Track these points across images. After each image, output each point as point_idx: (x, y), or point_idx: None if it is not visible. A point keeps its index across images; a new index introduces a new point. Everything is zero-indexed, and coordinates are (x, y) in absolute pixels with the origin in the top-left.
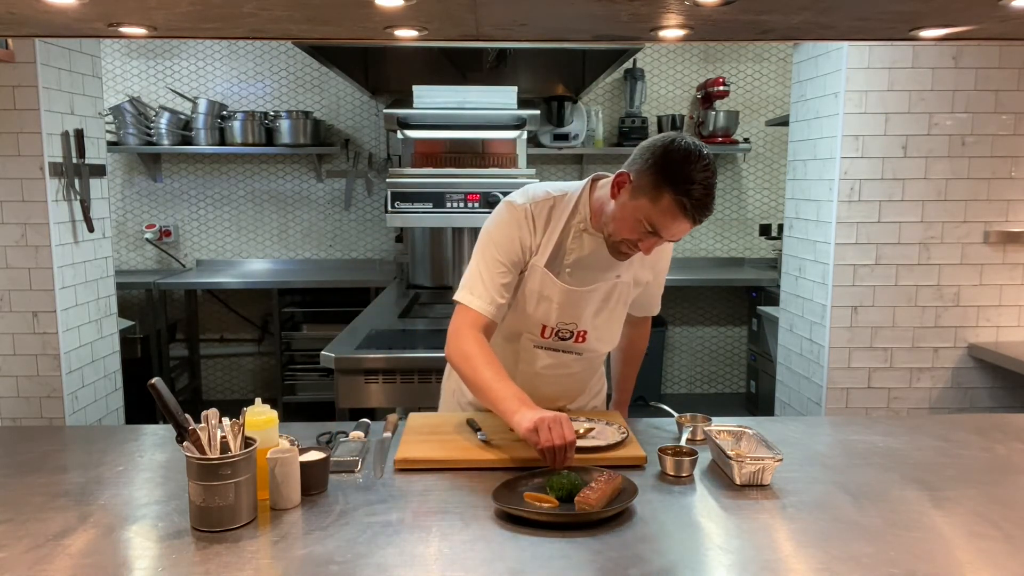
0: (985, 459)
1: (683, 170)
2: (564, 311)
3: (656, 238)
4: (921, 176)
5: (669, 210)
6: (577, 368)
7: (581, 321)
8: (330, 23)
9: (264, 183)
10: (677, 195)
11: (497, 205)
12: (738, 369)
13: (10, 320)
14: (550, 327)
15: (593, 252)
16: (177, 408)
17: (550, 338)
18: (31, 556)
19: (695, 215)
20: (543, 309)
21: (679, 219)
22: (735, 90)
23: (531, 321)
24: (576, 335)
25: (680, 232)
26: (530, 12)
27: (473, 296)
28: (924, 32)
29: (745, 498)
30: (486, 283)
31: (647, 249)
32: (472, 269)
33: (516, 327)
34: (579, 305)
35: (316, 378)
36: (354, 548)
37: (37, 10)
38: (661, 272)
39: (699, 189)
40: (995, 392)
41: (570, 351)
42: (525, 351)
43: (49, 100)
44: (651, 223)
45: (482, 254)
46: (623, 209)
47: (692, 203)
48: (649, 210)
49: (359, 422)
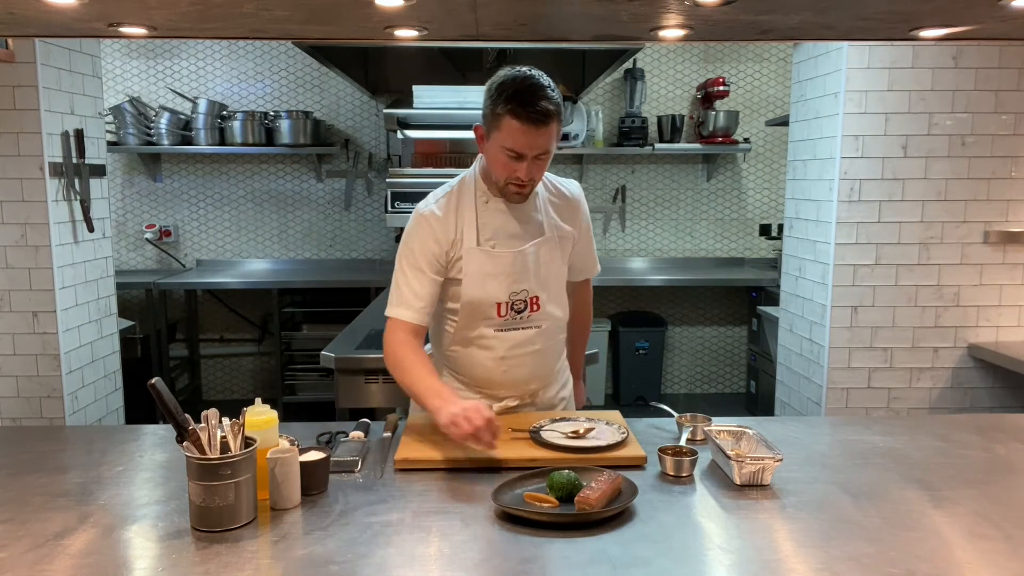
0: (985, 459)
1: (502, 88)
2: (512, 279)
3: (522, 160)
4: (921, 176)
5: (510, 125)
6: (540, 343)
7: (530, 286)
8: (330, 23)
9: (264, 183)
10: (507, 108)
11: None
12: (738, 369)
13: (10, 320)
14: (504, 302)
15: (506, 218)
16: (177, 408)
17: (507, 315)
18: (31, 556)
19: (530, 114)
20: (492, 285)
21: (522, 127)
22: (735, 90)
23: (485, 305)
24: (530, 303)
25: (534, 140)
26: (530, 12)
27: (395, 307)
28: (924, 32)
29: (745, 498)
30: (404, 293)
31: (526, 174)
32: (393, 284)
33: (471, 322)
34: (523, 268)
35: (316, 378)
36: (354, 548)
37: (37, 10)
38: (585, 229)
39: (520, 93)
40: (995, 392)
41: (529, 325)
42: (486, 341)
43: (49, 100)
44: (509, 148)
45: (400, 267)
46: (489, 152)
47: (520, 106)
48: (502, 138)
49: (359, 422)
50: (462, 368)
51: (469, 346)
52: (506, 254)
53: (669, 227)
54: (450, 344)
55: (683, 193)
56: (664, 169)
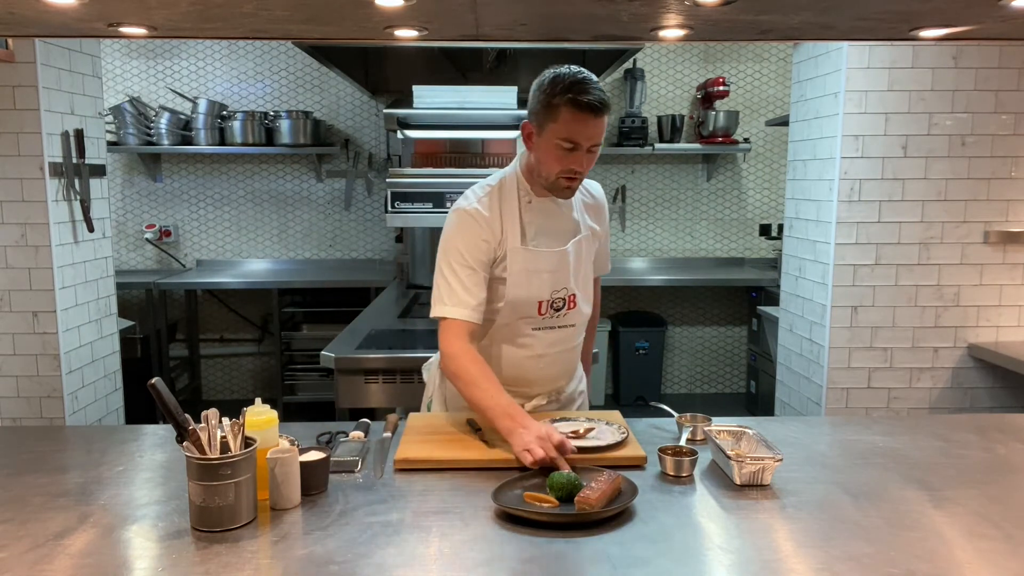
0: (985, 459)
1: (557, 81)
2: (555, 277)
3: (578, 151)
4: (921, 176)
5: (569, 115)
6: (573, 341)
7: (569, 284)
8: (330, 23)
9: (264, 183)
10: (565, 98)
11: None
12: (738, 369)
13: (10, 320)
14: (546, 300)
15: (548, 216)
16: (177, 408)
17: (547, 313)
18: (31, 556)
19: (590, 103)
20: (536, 284)
21: (581, 117)
22: (735, 90)
23: (528, 303)
24: (568, 301)
25: (592, 129)
26: (530, 12)
27: (449, 306)
28: (924, 32)
29: (745, 498)
30: (457, 290)
31: (579, 163)
32: (440, 282)
33: (511, 320)
34: (564, 267)
35: (316, 378)
36: (354, 548)
37: (37, 10)
38: (606, 226)
39: (577, 84)
40: (995, 392)
41: (564, 324)
42: (523, 340)
43: (49, 100)
44: (565, 138)
45: (447, 264)
46: (540, 148)
47: (580, 95)
48: (557, 130)
49: (359, 422)
50: (493, 365)
51: (505, 344)
52: (550, 253)
53: (669, 227)
54: (485, 342)
55: (683, 193)
56: (664, 169)
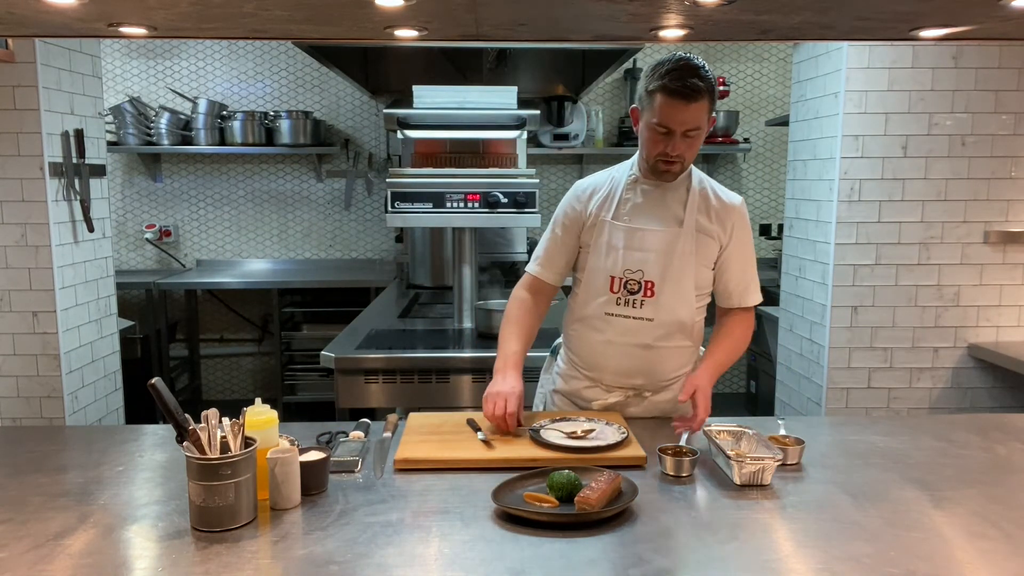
0: (985, 459)
1: (657, 67)
2: (628, 256)
3: (672, 136)
4: (921, 176)
5: (661, 101)
6: (650, 338)
7: (647, 269)
8: (330, 23)
9: (264, 183)
10: (659, 85)
11: None
12: (738, 369)
13: (10, 320)
14: (618, 277)
15: (647, 199)
16: (177, 408)
17: (619, 292)
18: (31, 556)
19: (680, 89)
20: (611, 258)
21: (672, 102)
22: (735, 90)
23: (600, 274)
24: (644, 287)
25: (683, 115)
26: (530, 12)
27: (531, 263)
28: (924, 32)
29: (745, 498)
30: (539, 252)
31: (674, 150)
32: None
33: (588, 297)
34: (642, 248)
35: (316, 378)
36: (354, 548)
37: (37, 10)
38: (738, 244)
39: (673, 72)
40: (995, 392)
41: (641, 316)
42: (597, 323)
43: (49, 100)
44: (659, 123)
45: (546, 230)
46: (643, 131)
47: (672, 81)
48: (652, 114)
49: (359, 422)
50: (574, 346)
51: (584, 324)
52: (630, 229)
53: None
54: (571, 322)
55: None
56: None
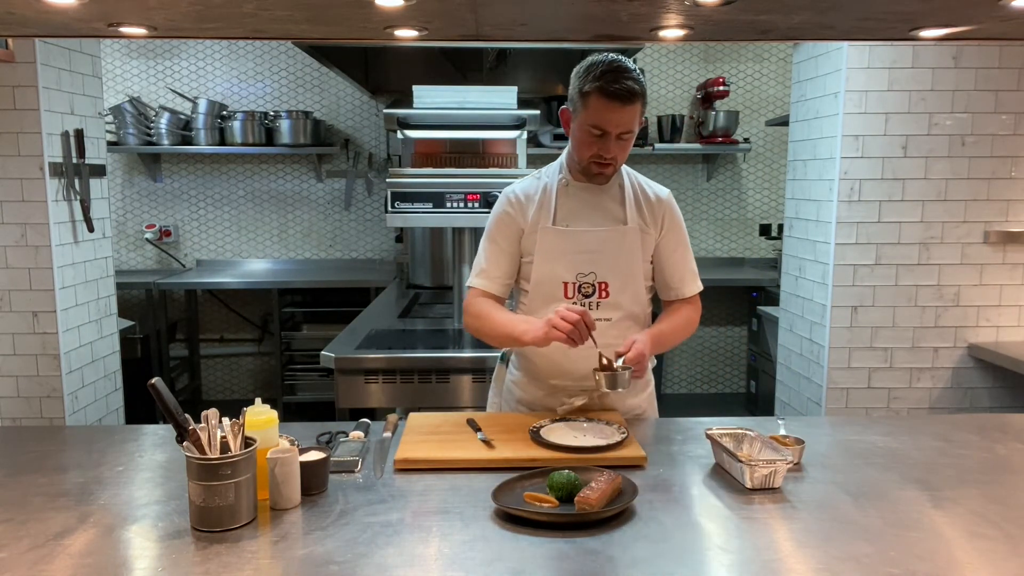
0: (985, 459)
1: (591, 69)
2: (579, 260)
3: (607, 138)
4: (921, 176)
5: (595, 102)
6: (610, 337)
7: (599, 271)
8: (330, 23)
9: (264, 183)
10: (595, 86)
11: None
12: (738, 369)
13: (10, 320)
14: (571, 282)
15: (583, 202)
16: (177, 408)
17: (574, 297)
18: (31, 556)
19: (616, 91)
20: (562, 264)
21: (608, 104)
22: (735, 90)
23: (552, 283)
24: (598, 288)
25: (619, 117)
26: (530, 12)
27: (473, 277)
28: (924, 32)
29: (745, 498)
30: (480, 262)
31: (608, 152)
32: (476, 258)
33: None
34: (593, 250)
35: (316, 378)
36: (354, 548)
37: (37, 10)
38: (671, 237)
39: (608, 73)
40: (995, 392)
41: (599, 317)
42: None
43: (49, 100)
44: (593, 125)
45: (481, 242)
46: (575, 133)
47: (608, 83)
48: (586, 116)
49: (359, 422)
50: (532, 356)
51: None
52: (575, 232)
53: None
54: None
55: (683, 193)
56: (664, 169)
